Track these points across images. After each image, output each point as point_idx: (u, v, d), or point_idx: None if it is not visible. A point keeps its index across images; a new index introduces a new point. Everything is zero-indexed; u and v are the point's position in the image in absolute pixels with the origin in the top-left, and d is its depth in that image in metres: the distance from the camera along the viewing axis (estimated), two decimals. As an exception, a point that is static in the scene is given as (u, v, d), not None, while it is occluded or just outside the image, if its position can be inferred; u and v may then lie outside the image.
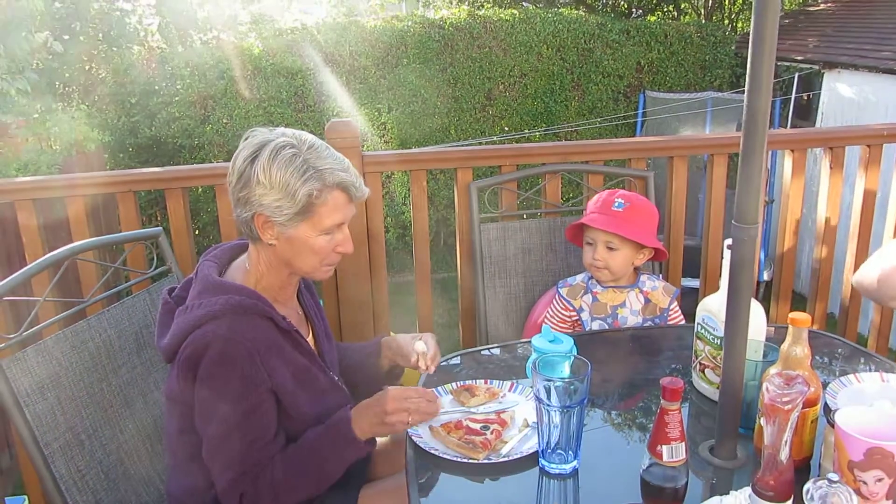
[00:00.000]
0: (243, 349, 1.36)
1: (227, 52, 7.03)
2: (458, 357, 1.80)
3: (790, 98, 6.65)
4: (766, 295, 5.63)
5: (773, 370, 1.25)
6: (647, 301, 1.95)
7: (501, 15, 7.38)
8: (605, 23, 7.36)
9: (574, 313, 1.96)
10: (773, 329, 1.88)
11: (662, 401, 1.12)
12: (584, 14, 7.81)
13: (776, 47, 1.03)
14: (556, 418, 1.23)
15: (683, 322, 1.98)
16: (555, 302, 1.99)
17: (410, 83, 7.18)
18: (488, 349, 1.86)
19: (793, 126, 6.78)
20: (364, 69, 7.10)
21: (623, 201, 1.89)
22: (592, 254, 1.91)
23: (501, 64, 7.27)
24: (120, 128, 6.97)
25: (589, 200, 2.28)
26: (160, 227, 1.84)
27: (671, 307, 1.97)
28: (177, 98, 6.87)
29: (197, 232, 7.00)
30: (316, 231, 1.43)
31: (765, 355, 1.38)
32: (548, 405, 1.23)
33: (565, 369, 1.32)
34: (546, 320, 1.98)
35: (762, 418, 1.10)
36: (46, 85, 6.93)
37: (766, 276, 6.36)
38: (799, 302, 2.60)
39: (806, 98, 6.77)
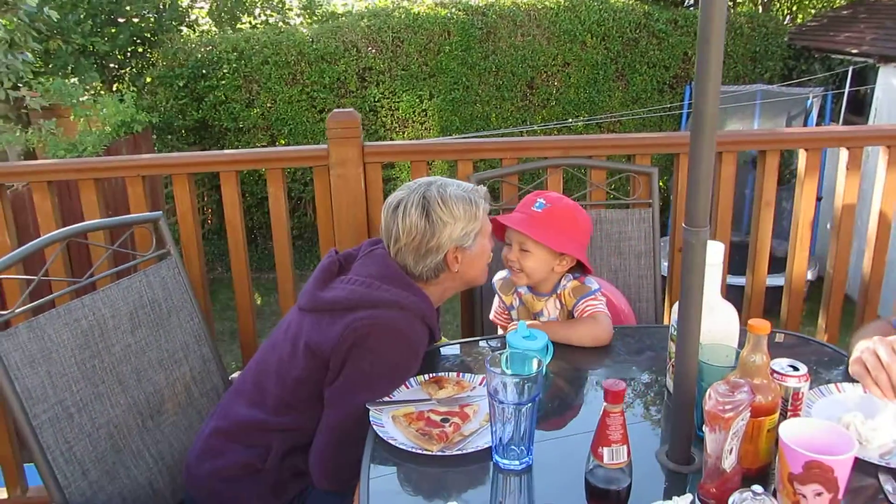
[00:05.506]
0: (415, 348, 1.55)
1: (272, 36, 7.13)
2: (458, 346, 1.82)
3: (843, 92, 6.42)
4: (810, 295, 5.45)
5: (732, 377, 1.23)
6: (563, 305, 1.83)
7: (546, 2, 7.31)
8: (652, 12, 7.22)
9: (506, 310, 1.92)
10: (783, 336, 1.83)
11: (605, 403, 1.12)
12: (630, 2, 7.66)
13: (723, 47, 1.01)
14: (508, 414, 1.24)
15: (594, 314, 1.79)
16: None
17: (452, 70, 7.18)
18: (486, 340, 1.87)
19: (845, 122, 6.54)
20: (407, 55, 7.13)
21: (544, 202, 1.76)
22: (507, 253, 1.79)
23: (544, 52, 7.20)
24: (168, 110, 7.17)
25: (592, 195, 2.27)
26: (160, 212, 1.90)
27: (577, 305, 1.78)
28: (223, 82, 7.02)
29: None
30: (486, 236, 1.68)
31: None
32: (500, 401, 1.24)
33: (534, 366, 1.33)
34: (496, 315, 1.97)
35: (705, 426, 1.08)
36: (98, 68, 7.17)
37: (810, 276, 6.19)
38: (849, 304, 2.50)
39: (863, 93, 6.51)
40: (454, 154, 2.16)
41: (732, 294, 2.52)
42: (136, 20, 7.64)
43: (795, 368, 1.29)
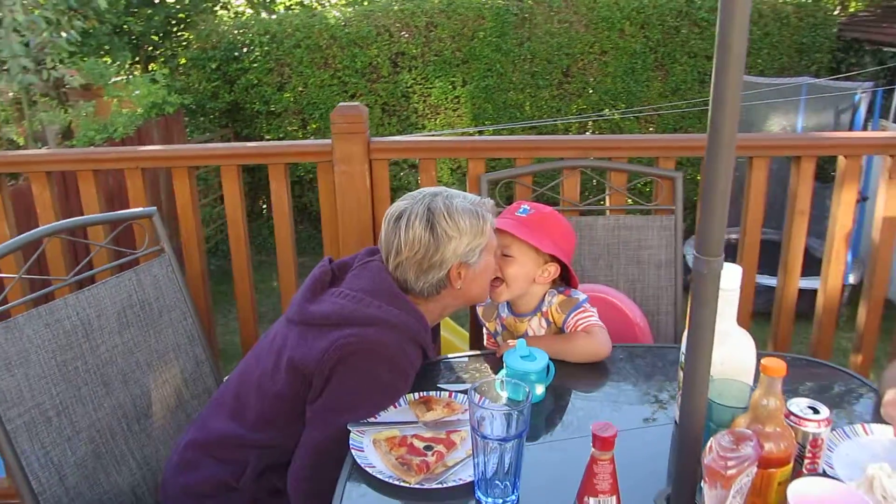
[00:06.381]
0: (403, 370, 1.46)
1: (304, 19, 7.05)
2: (467, 357, 1.72)
3: (894, 88, 6.11)
4: (851, 299, 5.22)
5: (742, 420, 1.11)
6: (550, 322, 1.73)
7: (584, -12, 7.08)
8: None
9: (492, 337, 1.84)
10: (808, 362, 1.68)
11: (593, 449, 1.01)
12: (673, -11, 7.38)
13: (745, 53, 0.88)
14: (492, 447, 1.14)
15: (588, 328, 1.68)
16: None
17: (486, 57, 7.02)
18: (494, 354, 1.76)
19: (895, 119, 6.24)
20: (440, 41, 6.98)
21: (529, 208, 1.71)
22: None
23: (581, 40, 6.99)
24: (201, 92, 7.14)
25: (611, 199, 2.14)
26: (154, 207, 1.83)
27: (567, 321, 1.68)
28: (255, 65, 6.97)
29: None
30: (491, 253, 1.58)
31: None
32: (483, 436, 1.13)
33: (527, 394, 1.22)
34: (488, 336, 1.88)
35: (703, 481, 0.97)
36: (132, 48, 7.18)
37: (851, 280, 5.94)
38: (890, 310, 2.33)
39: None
40: (465, 152, 2.05)
41: (765, 296, 2.37)
42: (170, 1, 7.63)
43: (816, 411, 1.16)
